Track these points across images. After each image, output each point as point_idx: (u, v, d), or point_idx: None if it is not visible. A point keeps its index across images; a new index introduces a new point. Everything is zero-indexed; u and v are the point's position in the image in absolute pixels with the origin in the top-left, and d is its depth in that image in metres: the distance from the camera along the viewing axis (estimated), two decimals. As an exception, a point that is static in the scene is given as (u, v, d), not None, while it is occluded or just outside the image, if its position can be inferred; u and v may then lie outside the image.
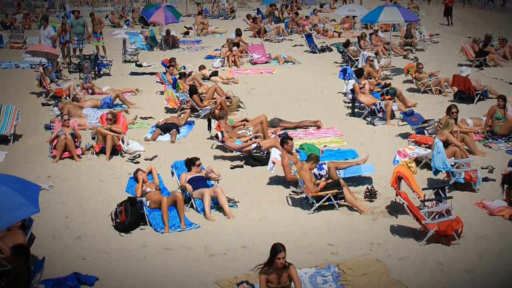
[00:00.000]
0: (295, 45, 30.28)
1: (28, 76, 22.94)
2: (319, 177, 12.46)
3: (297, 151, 14.22)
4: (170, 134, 16.24)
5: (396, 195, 10.79)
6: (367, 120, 17.40)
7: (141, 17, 36.50)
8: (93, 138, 15.36)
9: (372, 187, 12.44)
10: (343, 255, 10.03)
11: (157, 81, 21.22)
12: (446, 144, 13.09)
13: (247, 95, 20.47)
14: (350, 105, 18.55)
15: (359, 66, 22.74)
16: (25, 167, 14.31)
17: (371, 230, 10.91)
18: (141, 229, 11.20)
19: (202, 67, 23.10)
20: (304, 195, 12.20)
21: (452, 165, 12.45)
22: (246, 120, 16.47)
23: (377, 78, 20.82)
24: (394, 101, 17.74)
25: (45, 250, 10.04)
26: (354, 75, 19.86)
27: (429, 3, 46.29)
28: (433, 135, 14.04)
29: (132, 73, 24.29)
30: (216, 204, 11.91)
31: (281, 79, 22.96)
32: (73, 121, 15.35)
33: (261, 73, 24.22)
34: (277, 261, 8.20)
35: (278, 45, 30.38)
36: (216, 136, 14.88)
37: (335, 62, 25.80)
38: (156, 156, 14.86)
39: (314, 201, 11.67)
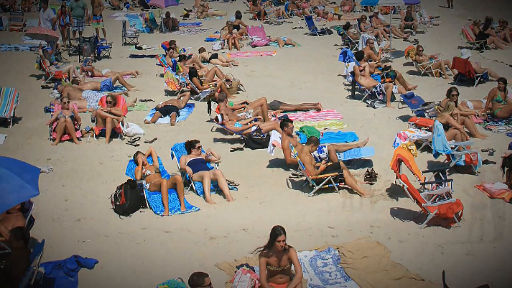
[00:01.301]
0: (295, 28, 30.13)
1: (28, 58, 22.83)
2: (319, 159, 12.46)
3: (297, 133, 14.19)
4: (170, 116, 16.21)
5: (397, 177, 10.78)
6: (367, 103, 17.35)
7: (141, 0, 36.29)
8: (93, 121, 15.31)
9: (372, 169, 12.42)
10: (343, 238, 10.03)
11: (157, 64, 21.15)
12: (447, 126, 13.05)
13: (247, 77, 20.40)
14: (350, 87, 18.48)
15: (359, 49, 22.60)
16: (24, 149, 14.29)
17: (371, 213, 10.92)
18: (141, 212, 11.21)
19: (202, 50, 23.04)
20: (304, 178, 12.18)
21: (452, 148, 12.43)
22: (246, 103, 16.43)
23: (377, 61, 20.73)
24: (394, 84, 17.71)
25: (44, 232, 10.05)
26: (354, 57, 19.76)
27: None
28: (434, 118, 14.01)
29: (132, 56, 24.18)
30: (216, 187, 11.90)
31: (281, 62, 22.87)
32: (72, 104, 15.31)
33: (261, 55, 24.13)
34: (277, 244, 8.19)
35: (278, 28, 30.22)
36: (216, 119, 14.83)
37: (335, 45, 25.70)
38: (156, 138, 14.84)
39: (314, 183, 11.66)
